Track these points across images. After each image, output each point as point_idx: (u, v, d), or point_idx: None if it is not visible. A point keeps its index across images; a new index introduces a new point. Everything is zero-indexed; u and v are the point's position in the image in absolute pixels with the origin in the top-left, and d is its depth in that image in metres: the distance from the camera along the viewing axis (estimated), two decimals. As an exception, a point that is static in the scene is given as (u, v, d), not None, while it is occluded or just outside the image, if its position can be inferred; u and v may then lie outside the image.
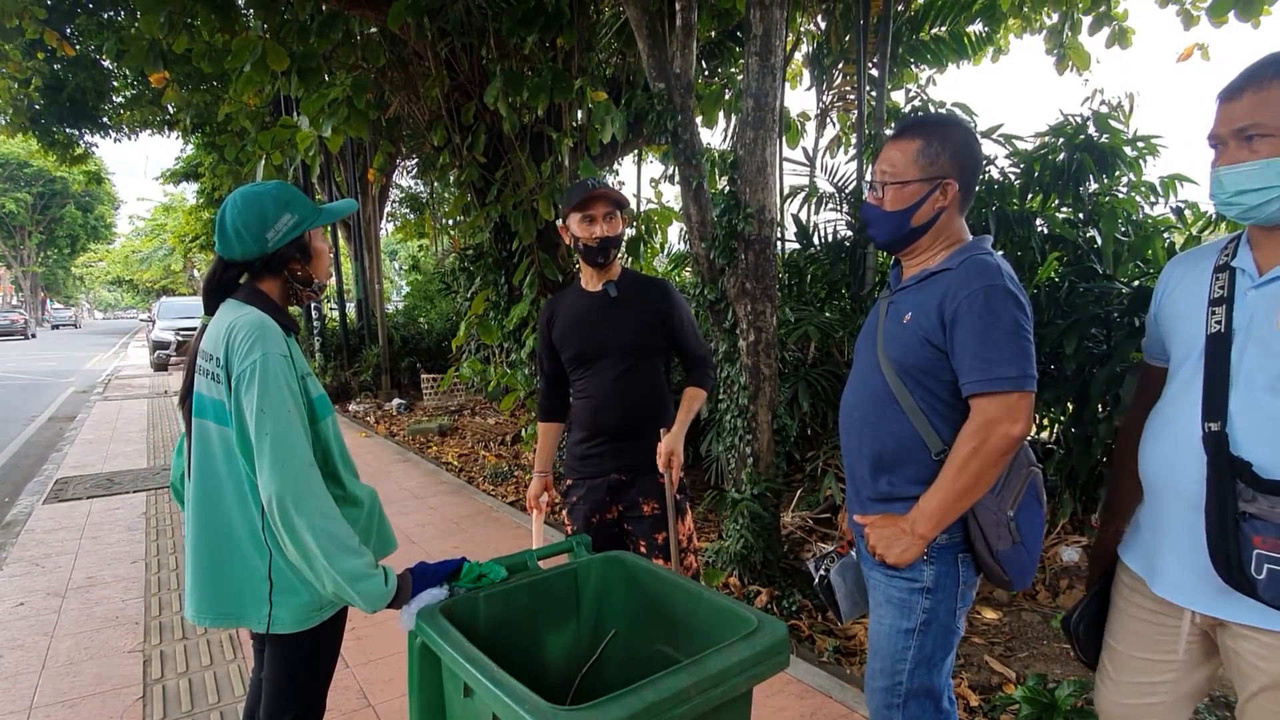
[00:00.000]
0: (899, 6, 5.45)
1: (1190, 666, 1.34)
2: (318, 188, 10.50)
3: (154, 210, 32.49)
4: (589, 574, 1.62)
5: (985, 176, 3.80)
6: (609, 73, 6.08)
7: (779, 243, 4.85)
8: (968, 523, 1.42)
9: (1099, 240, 3.61)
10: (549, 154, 5.39)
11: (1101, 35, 5.84)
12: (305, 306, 3.55)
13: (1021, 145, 3.93)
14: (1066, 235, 3.67)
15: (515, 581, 1.51)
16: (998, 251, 1.54)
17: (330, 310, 11.53)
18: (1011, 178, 3.90)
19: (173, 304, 18.01)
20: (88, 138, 10.00)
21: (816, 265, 4.81)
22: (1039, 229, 3.71)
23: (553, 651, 1.57)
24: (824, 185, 5.26)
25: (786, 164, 5.88)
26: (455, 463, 6.51)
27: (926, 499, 1.40)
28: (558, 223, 2.25)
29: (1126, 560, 1.42)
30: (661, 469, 2.11)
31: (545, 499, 2.35)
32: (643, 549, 2.18)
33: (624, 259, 5.54)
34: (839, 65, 6.34)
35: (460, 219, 7.85)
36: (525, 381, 5.20)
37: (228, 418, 1.41)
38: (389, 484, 5.73)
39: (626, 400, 2.16)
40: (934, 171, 1.44)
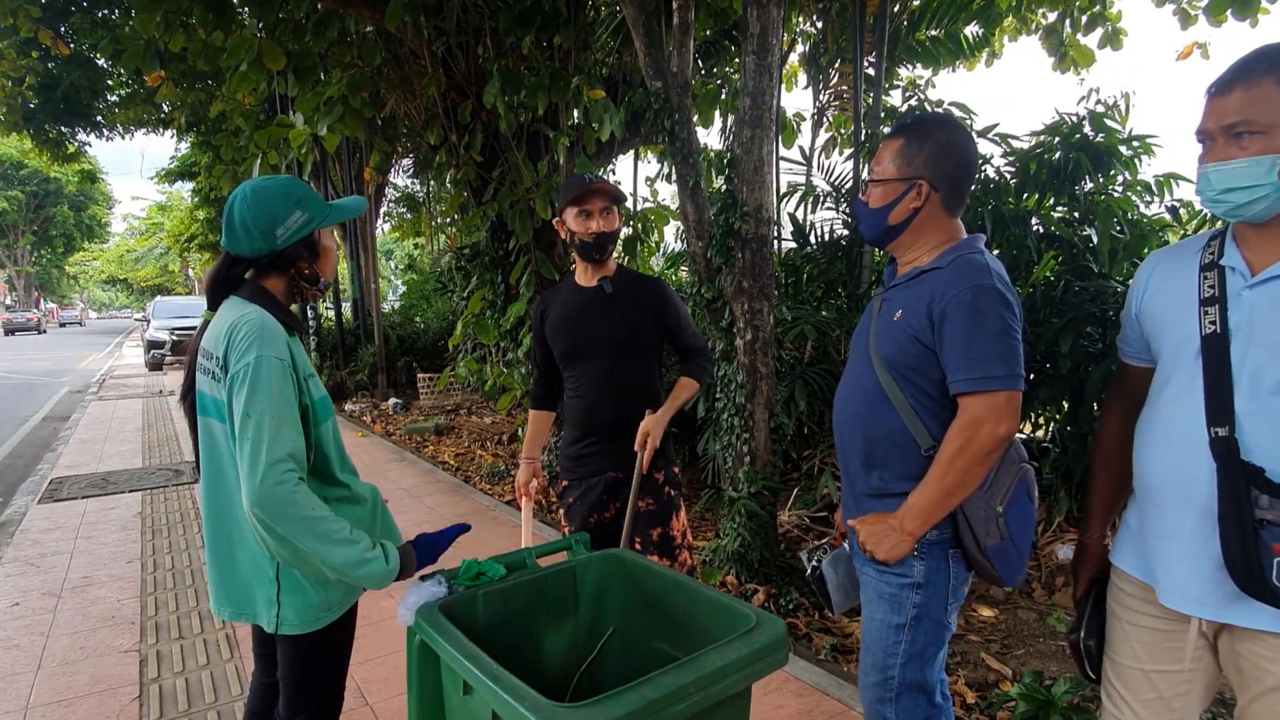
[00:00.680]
0: (895, 7, 5.46)
1: (1197, 675, 1.30)
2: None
3: (149, 209, 32.38)
4: (587, 572, 1.62)
5: (981, 175, 3.81)
6: (605, 72, 6.07)
7: (776, 242, 4.85)
8: (956, 518, 1.42)
9: (1094, 239, 3.62)
10: (546, 153, 5.38)
11: (1094, 36, 5.87)
12: (304, 305, 3.53)
13: (1017, 144, 3.94)
14: (1062, 234, 3.68)
15: (514, 579, 1.51)
16: (993, 250, 1.55)
17: (326, 309, 11.50)
18: (1007, 176, 3.91)
19: (168, 303, 17.91)
20: (81, 136, 9.96)
21: (813, 264, 4.82)
22: (1035, 228, 3.72)
23: (551, 649, 1.57)
24: (820, 184, 5.27)
25: (783, 163, 5.88)
26: (452, 462, 6.50)
27: (914, 496, 1.41)
28: (554, 219, 2.24)
29: (1124, 567, 1.38)
30: (636, 447, 2.09)
31: (535, 485, 2.33)
32: (638, 545, 2.18)
33: (620, 258, 5.55)
34: (835, 65, 6.34)
35: (456, 218, 7.84)
36: (522, 380, 5.19)
37: (226, 416, 1.41)
38: (385, 483, 5.71)
39: (619, 397, 2.15)
40: (909, 172, 1.45)
